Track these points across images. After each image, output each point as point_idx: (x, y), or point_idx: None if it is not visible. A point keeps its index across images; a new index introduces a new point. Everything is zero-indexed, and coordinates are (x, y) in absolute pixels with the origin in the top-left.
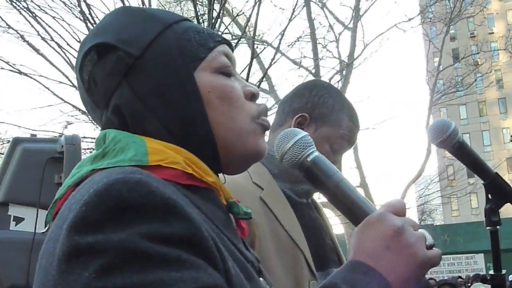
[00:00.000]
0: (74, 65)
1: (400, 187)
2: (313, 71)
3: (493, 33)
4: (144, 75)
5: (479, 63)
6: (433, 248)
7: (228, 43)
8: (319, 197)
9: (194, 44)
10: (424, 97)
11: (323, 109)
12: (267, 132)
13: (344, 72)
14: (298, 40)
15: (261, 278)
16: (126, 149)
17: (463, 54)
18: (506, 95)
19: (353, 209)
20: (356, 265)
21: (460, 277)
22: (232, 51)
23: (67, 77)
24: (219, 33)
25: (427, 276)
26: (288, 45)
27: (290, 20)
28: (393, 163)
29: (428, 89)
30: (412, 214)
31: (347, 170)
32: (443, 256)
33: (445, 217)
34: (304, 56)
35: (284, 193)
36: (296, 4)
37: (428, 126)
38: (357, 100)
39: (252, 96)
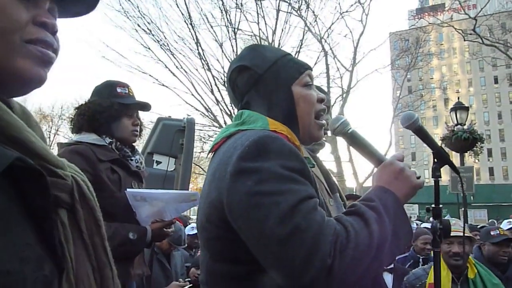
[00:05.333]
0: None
1: (370, 165)
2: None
3: (432, 78)
4: (264, 85)
5: (423, 95)
6: (419, 178)
7: (311, 69)
8: None
9: (292, 70)
10: (389, 113)
11: None
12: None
13: (344, 96)
14: (318, 76)
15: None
16: (257, 121)
17: (414, 89)
18: (438, 114)
19: (373, 157)
20: (379, 188)
21: None
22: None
23: (188, 89)
24: None
25: None
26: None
27: (315, 64)
28: None
29: (392, 108)
30: None
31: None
32: None
33: None
34: (322, 85)
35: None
36: (318, 57)
37: (390, 129)
38: (352, 113)
39: (321, 100)
